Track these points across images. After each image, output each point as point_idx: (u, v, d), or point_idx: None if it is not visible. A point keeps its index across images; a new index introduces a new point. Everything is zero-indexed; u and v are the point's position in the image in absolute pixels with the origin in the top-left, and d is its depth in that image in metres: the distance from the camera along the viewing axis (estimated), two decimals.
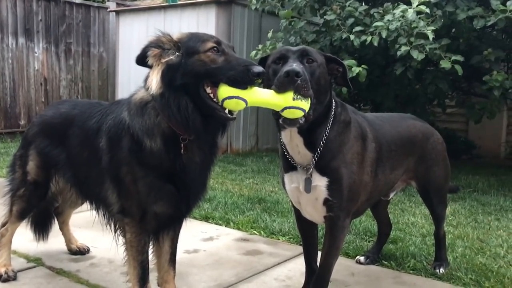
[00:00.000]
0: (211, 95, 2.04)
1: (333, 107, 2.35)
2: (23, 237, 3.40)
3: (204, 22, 8.14)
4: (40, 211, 3.14)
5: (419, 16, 5.18)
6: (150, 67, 2.13)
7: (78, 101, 2.86)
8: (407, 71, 5.73)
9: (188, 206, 2.32)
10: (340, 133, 2.35)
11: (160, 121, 2.14)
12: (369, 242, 3.76)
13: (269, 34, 6.61)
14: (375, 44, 5.42)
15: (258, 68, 2.00)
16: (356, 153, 2.38)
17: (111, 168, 2.27)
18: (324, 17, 5.94)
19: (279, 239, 3.80)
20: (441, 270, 3.13)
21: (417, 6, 5.10)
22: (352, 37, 5.59)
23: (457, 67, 5.17)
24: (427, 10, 5.11)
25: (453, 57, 5.20)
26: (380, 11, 5.70)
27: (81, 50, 9.96)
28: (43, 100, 9.36)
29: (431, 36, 5.09)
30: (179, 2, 8.62)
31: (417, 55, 5.20)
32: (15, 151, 3.00)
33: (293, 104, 2.04)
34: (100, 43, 10.31)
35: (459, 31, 5.70)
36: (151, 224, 2.28)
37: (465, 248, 3.61)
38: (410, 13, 5.12)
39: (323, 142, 2.30)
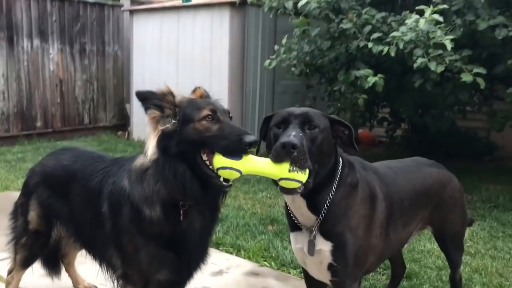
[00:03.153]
0: (207, 162, 2.03)
1: (339, 168, 2.25)
2: (34, 272, 3.39)
3: (218, 24, 7.99)
4: (48, 251, 3.12)
5: (437, 26, 4.94)
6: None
7: (79, 151, 2.79)
8: (426, 83, 5.50)
9: (189, 272, 2.29)
10: (346, 196, 2.25)
11: (160, 188, 2.11)
12: (383, 275, 3.66)
13: (283, 40, 6.43)
14: (392, 54, 5.20)
15: (250, 138, 1.98)
16: (363, 217, 2.28)
17: (114, 236, 2.26)
18: (340, 25, 5.73)
19: (290, 273, 3.73)
20: None
21: (429, 15, 4.86)
22: (370, 44, 5.38)
23: (480, 81, 4.92)
24: (441, 19, 4.86)
25: (475, 70, 4.96)
26: (398, 19, 5.47)
27: (95, 49, 9.90)
28: (58, 101, 9.38)
29: (449, 46, 4.83)
30: (193, 2, 8.45)
31: (435, 67, 4.97)
32: (17, 199, 2.96)
33: (289, 176, 1.98)
34: (114, 42, 10.23)
35: (482, 40, 5.43)
36: None
37: (483, 285, 3.49)
38: (422, 23, 4.88)
39: (327, 205, 2.21)
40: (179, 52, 8.61)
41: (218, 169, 1.98)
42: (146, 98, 2.11)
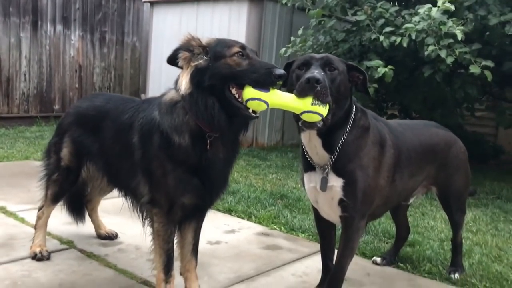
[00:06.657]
0: (236, 95, 2.23)
1: (353, 112, 2.46)
2: (58, 220, 3.61)
3: (236, 17, 8.25)
4: (73, 196, 3.34)
5: (449, 18, 5.15)
6: (180, 67, 2.32)
7: (111, 95, 3.04)
8: (435, 74, 5.71)
9: (211, 198, 2.50)
10: (358, 137, 2.46)
11: (188, 119, 2.32)
12: (387, 243, 3.83)
13: (299, 31, 6.66)
14: (405, 45, 5.41)
15: (280, 71, 2.17)
16: (373, 158, 2.48)
17: (143, 163, 2.45)
18: (355, 17, 5.97)
19: (298, 236, 3.92)
20: (456, 275, 3.20)
21: (442, 3, 5.06)
22: (381, 38, 5.61)
23: (487, 73, 5.12)
24: (452, 7, 5.06)
25: (483, 63, 5.16)
26: (411, 13, 5.70)
27: (115, 39, 10.21)
28: (77, 86, 9.66)
29: (459, 35, 5.02)
30: None
31: (445, 55, 5.16)
32: (50, 139, 3.19)
33: (312, 109, 2.19)
34: (133, 33, 10.54)
35: (491, 36, 5.64)
36: (177, 214, 2.45)
37: (482, 255, 3.65)
38: (435, 12, 5.10)
39: (340, 145, 2.42)
40: None
41: (247, 100, 2.19)
42: (175, 55, 2.30)
